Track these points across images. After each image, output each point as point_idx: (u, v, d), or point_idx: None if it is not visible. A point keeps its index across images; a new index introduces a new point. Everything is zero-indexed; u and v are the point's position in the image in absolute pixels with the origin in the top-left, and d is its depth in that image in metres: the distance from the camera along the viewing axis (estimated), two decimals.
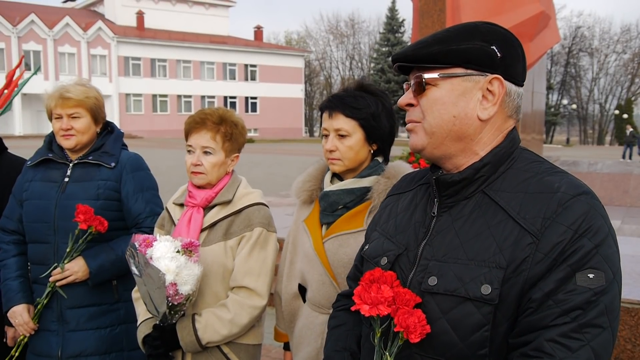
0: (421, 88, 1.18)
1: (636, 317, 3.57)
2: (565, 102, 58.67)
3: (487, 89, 1.16)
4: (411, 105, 1.22)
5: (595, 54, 60.89)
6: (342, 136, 1.91)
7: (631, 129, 30.03)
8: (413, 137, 1.23)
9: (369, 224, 1.51)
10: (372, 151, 1.97)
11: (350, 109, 1.90)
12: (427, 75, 1.17)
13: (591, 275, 1.02)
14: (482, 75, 1.15)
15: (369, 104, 1.91)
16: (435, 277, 1.13)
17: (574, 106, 60.66)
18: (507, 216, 1.11)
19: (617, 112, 54.53)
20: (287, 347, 2.21)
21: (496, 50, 1.15)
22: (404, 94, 1.26)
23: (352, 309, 1.15)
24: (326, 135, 1.96)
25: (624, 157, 27.06)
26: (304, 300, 2.06)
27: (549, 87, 50.85)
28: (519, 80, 1.21)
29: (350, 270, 1.55)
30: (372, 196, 1.90)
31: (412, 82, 1.21)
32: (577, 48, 60.10)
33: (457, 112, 1.16)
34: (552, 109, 54.94)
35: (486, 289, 1.06)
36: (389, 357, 1.13)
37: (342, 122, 1.91)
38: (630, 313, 3.59)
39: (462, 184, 1.18)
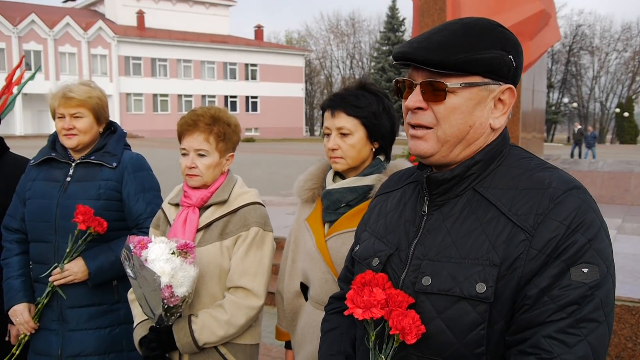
0: (441, 95, 1.13)
1: (637, 315, 3.57)
2: (566, 100, 58.67)
3: (499, 98, 1.16)
4: (420, 108, 1.16)
5: (596, 52, 60.81)
6: (344, 134, 1.92)
7: (579, 127, 29.11)
8: (420, 143, 1.17)
9: (358, 224, 1.49)
10: (373, 149, 1.97)
11: (352, 107, 1.91)
12: (450, 84, 1.12)
13: (585, 270, 1.02)
14: (497, 84, 1.15)
15: (371, 103, 1.92)
16: (429, 277, 1.12)
17: (575, 105, 60.55)
18: (499, 213, 1.10)
19: (618, 110, 54.40)
20: (288, 345, 2.21)
21: (512, 60, 1.15)
22: (400, 91, 1.21)
23: (345, 313, 1.13)
24: (328, 134, 1.96)
25: (572, 155, 26.20)
26: (306, 299, 2.06)
27: (550, 86, 50.74)
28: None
29: (341, 272, 1.53)
30: (374, 194, 1.90)
31: (419, 84, 1.15)
32: (578, 46, 60.02)
33: (473, 122, 1.15)
34: (553, 108, 54.86)
35: (481, 287, 1.06)
36: None
37: (344, 121, 1.91)
38: (631, 312, 3.59)
39: (453, 181, 1.17)
